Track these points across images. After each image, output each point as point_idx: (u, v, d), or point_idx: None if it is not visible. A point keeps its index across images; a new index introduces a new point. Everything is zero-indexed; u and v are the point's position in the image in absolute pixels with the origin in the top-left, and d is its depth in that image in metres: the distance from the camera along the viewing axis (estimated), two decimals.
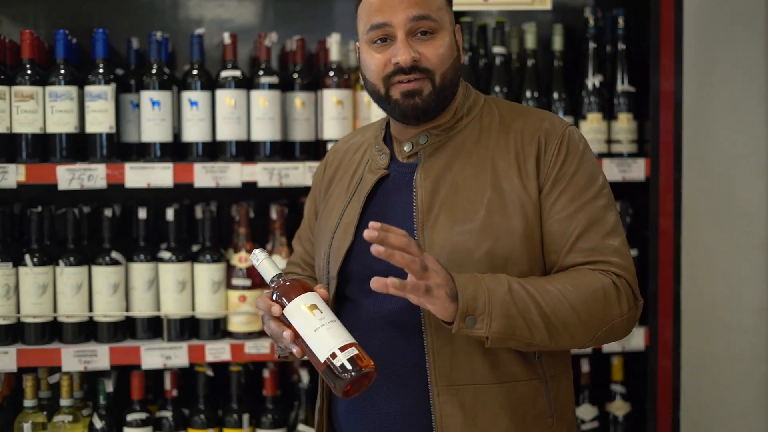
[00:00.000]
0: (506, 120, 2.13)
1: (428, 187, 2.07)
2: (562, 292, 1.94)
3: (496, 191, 2.04)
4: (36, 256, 2.95)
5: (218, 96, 3.00)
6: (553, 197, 2.04)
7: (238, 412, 3.04)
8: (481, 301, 1.89)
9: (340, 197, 2.21)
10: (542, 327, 1.92)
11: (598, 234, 2.02)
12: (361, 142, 2.28)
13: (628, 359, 3.23)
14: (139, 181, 2.92)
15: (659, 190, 3.09)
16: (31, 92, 2.91)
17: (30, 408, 2.97)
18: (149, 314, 3.01)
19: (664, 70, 3.07)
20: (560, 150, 2.06)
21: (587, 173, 2.07)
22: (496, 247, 2.01)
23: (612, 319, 1.99)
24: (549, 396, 2.06)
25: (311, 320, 1.92)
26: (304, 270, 2.37)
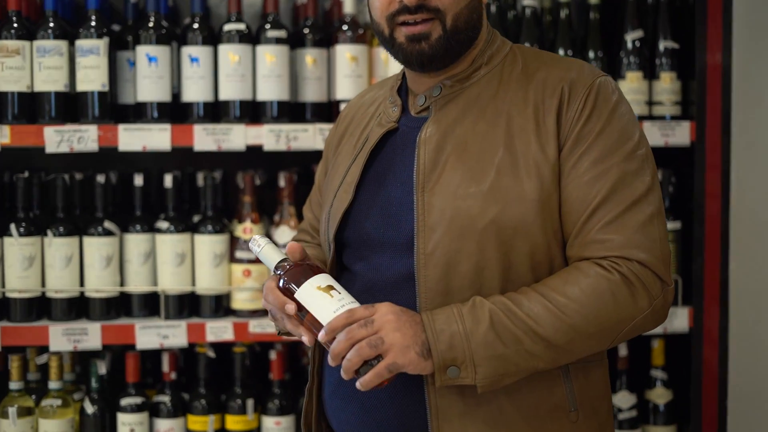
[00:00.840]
0: (529, 70, 1.85)
1: (432, 144, 1.82)
2: (560, 306, 1.69)
3: (509, 151, 1.77)
4: (22, 226, 2.73)
5: (221, 52, 2.75)
6: (574, 158, 1.76)
7: (242, 396, 2.80)
8: (459, 350, 1.66)
9: (348, 155, 1.97)
10: (542, 353, 1.68)
11: (621, 204, 1.74)
12: (376, 96, 2.04)
13: (669, 342, 2.98)
14: (134, 143, 2.68)
15: (705, 156, 2.84)
16: (17, 47, 2.68)
17: (16, 391, 2.74)
18: (145, 290, 2.78)
19: (712, 24, 2.81)
20: (586, 103, 1.78)
21: (617, 131, 1.78)
22: (504, 214, 1.74)
23: (631, 319, 1.73)
24: (571, 384, 1.79)
25: (329, 302, 1.69)
26: (314, 238, 2.14)
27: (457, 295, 1.75)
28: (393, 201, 1.84)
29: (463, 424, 1.75)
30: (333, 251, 1.92)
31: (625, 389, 2.94)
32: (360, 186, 1.89)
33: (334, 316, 1.67)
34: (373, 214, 1.86)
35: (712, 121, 2.83)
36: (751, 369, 3.31)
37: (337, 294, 1.70)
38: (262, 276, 2.77)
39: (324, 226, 1.96)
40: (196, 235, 2.79)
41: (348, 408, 1.85)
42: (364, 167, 1.90)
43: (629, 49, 2.88)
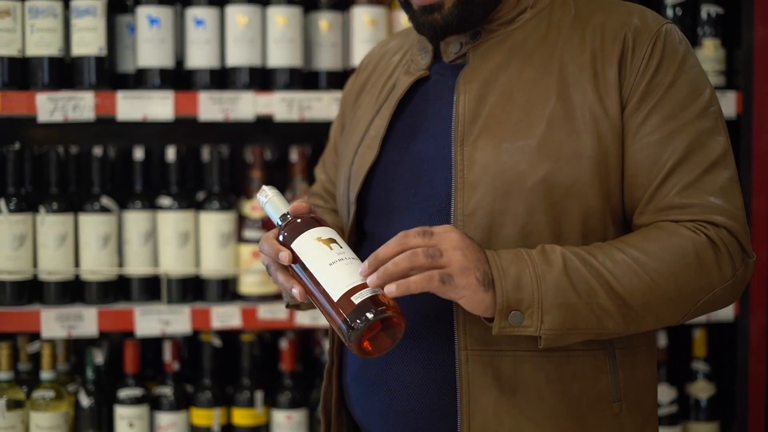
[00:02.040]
0: (583, 14, 1.68)
1: (473, 93, 1.64)
2: (640, 262, 1.52)
3: (562, 101, 1.61)
4: (13, 202, 2.54)
5: (228, 13, 2.57)
6: (642, 114, 1.59)
7: (250, 388, 2.62)
8: (527, 291, 1.48)
9: (370, 107, 1.79)
10: (615, 312, 1.51)
11: (699, 165, 1.58)
12: (402, 43, 1.87)
13: (713, 332, 2.82)
14: (133, 113, 2.50)
15: (752, 129, 2.68)
16: (6, 7, 2.51)
17: (5, 382, 2.56)
18: (146, 272, 2.60)
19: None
20: (654, 53, 1.61)
21: (689, 84, 1.62)
22: (557, 172, 1.57)
23: (711, 288, 1.56)
24: (616, 373, 1.62)
25: (327, 253, 1.52)
26: (326, 202, 1.97)
27: None
28: (425, 157, 1.67)
29: (497, 414, 1.57)
30: (354, 214, 1.73)
31: (664, 382, 2.77)
32: (386, 141, 1.72)
33: (329, 268, 1.49)
34: (402, 172, 1.69)
35: (760, 92, 2.67)
36: None
37: (337, 247, 1.52)
38: None
39: (343, 186, 1.77)
40: (201, 212, 2.61)
41: (373, 395, 1.66)
42: (391, 121, 1.72)
43: (669, 16, 2.70)
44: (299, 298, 1.54)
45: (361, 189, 1.72)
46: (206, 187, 2.67)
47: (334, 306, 1.45)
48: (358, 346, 1.43)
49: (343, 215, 1.79)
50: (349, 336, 1.43)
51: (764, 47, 2.67)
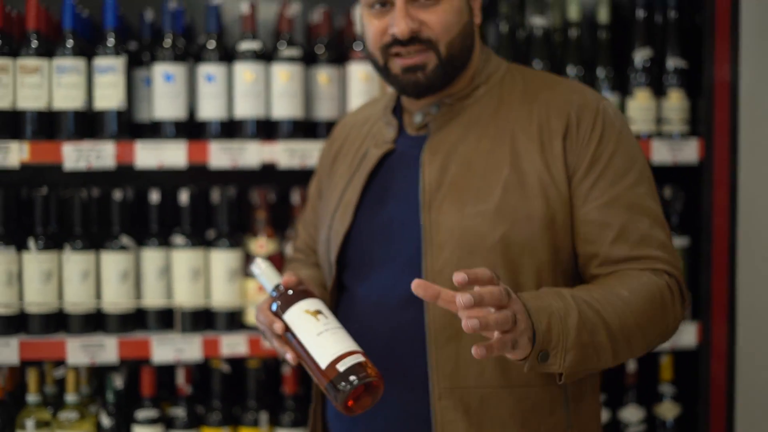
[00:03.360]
0: (531, 90, 1.90)
1: (437, 163, 1.85)
2: (625, 302, 1.70)
3: (515, 169, 1.81)
4: (41, 241, 2.76)
5: (236, 70, 2.79)
6: (589, 182, 1.81)
7: (255, 410, 2.84)
8: (555, 332, 1.62)
9: (343, 175, 2.01)
10: (608, 348, 1.69)
11: (642, 224, 1.80)
12: (369, 115, 2.08)
13: (678, 358, 3.01)
14: (150, 160, 2.72)
15: (713, 173, 2.88)
16: (36, 65, 2.72)
17: (34, 404, 2.77)
18: (161, 304, 2.81)
19: (720, 43, 2.85)
20: (595, 127, 1.83)
21: (626, 154, 1.84)
22: (513, 232, 1.78)
23: (668, 326, 1.79)
24: (569, 405, 1.83)
25: (314, 325, 1.73)
26: (308, 257, 2.19)
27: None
28: (395, 220, 1.87)
29: None
30: (335, 273, 1.95)
31: (633, 404, 2.96)
32: (359, 207, 1.93)
33: (317, 338, 1.70)
34: (375, 234, 1.89)
35: (720, 138, 2.87)
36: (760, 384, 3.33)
37: (323, 318, 1.74)
38: None
39: (323, 247, 1.99)
40: (211, 250, 2.82)
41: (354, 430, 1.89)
42: (362, 189, 1.94)
43: (638, 67, 2.91)
44: (292, 363, 1.77)
45: (340, 250, 1.94)
46: (216, 227, 2.87)
47: (322, 372, 1.67)
48: (344, 405, 1.65)
49: (325, 271, 2.00)
50: (336, 397, 1.65)
51: (724, 98, 2.86)
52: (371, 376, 1.66)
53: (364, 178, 1.93)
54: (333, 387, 1.66)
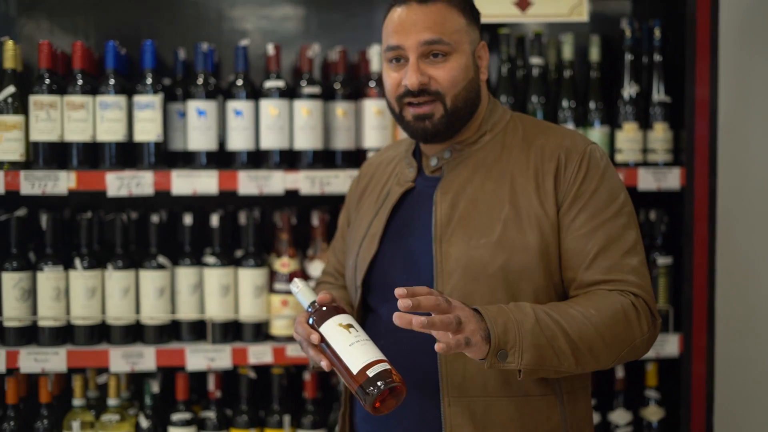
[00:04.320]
0: (528, 137, 2.16)
1: (447, 202, 2.12)
2: (586, 315, 1.95)
3: (513, 207, 2.07)
4: (86, 260, 3.04)
5: (262, 105, 3.07)
6: (572, 214, 2.06)
7: (279, 413, 3.12)
8: (511, 335, 1.88)
9: (370, 209, 2.28)
10: (569, 353, 1.93)
11: (616, 252, 2.04)
12: (393, 156, 2.35)
13: (662, 365, 3.26)
14: (185, 188, 3.00)
15: (694, 199, 3.12)
16: (82, 102, 3.00)
17: (79, 407, 3.06)
18: (194, 317, 3.09)
19: (700, 80, 3.10)
20: (580, 167, 2.09)
21: (607, 191, 2.08)
22: (511, 261, 2.03)
23: (633, 340, 2.01)
24: (564, 412, 2.08)
25: (347, 337, 1.99)
26: (337, 280, 2.45)
27: None
28: (413, 251, 2.14)
29: None
30: (360, 294, 2.23)
31: (622, 407, 3.22)
32: (383, 237, 2.20)
33: (349, 348, 1.96)
34: (396, 261, 2.16)
35: (700, 167, 3.11)
36: (735, 389, 3.63)
37: (354, 331, 2.00)
38: (298, 306, 3.09)
39: (351, 272, 2.26)
40: (239, 268, 3.10)
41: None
42: (386, 222, 2.21)
43: (626, 102, 3.18)
44: (326, 369, 2.03)
45: (365, 275, 2.22)
46: (242, 246, 3.17)
47: (354, 377, 1.94)
48: (372, 406, 1.92)
49: (352, 293, 2.28)
50: (365, 400, 1.93)
51: (704, 130, 3.10)
52: (396, 381, 1.93)
53: (388, 212, 2.21)
54: (363, 390, 1.93)
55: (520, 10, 3.05)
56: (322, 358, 2.04)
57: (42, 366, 2.98)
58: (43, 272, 3.01)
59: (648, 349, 2.08)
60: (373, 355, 1.97)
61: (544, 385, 2.06)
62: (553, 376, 1.99)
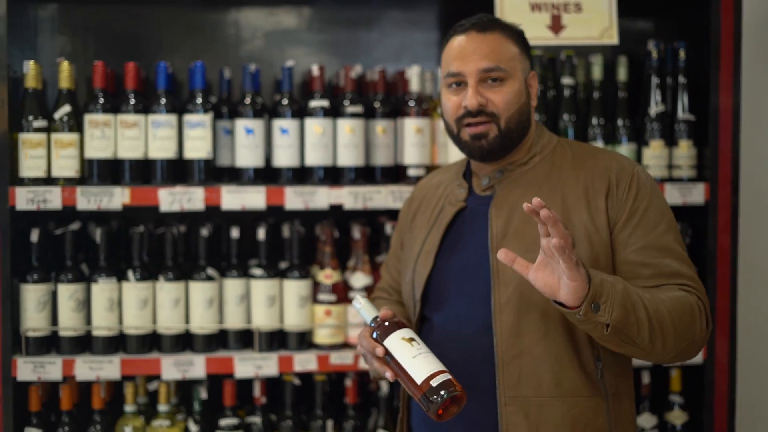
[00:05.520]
0: (578, 158, 2.32)
1: (502, 217, 2.26)
2: (661, 299, 2.10)
3: (565, 220, 2.20)
4: (138, 272, 3.17)
5: (307, 124, 3.20)
6: (628, 230, 2.22)
7: (322, 418, 3.25)
8: (606, 289, 2.02)
9: (423, 228, 2.42)
10: (646, 326, 2.06)
11: (674, 261, 2.20)
12: (442, 180, 2.49)
13: (686, 372, 3.41)
14: (234, 203, 3.13)
15: (717, 213, 3.27)
16: (134, 120, 3.13)
17: (130, 413, 3.19)
18: (242, 327, 3.22)
19: (723, 100, 3.25)
20: (631, 187, 2.24)
21: (658, 209, 2.24)
22: None
23: (694, 334, 2.14)
24: (609, 413, 2.22)
25: (410, 349, 2.14)
26: (390, 295, 2.59)
27: (527, 337, 2.18)
28: (469, 262, 2.28)
29: None
30: (419, 309, 2.37)
31: (648, 412, 3.37)
32: (438, 253, 2.35)
33: (413, 360, 2.11)
34: (452, 275, 2.30)
35: (723, 183, 3.26)
36: (756, 395, 3.79)
37: (416, 344, 2.15)
38: (340, 315, 3.23)
39: (408, 287, 2.41)
40: (284, 280, 3.23)
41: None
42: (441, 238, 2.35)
43: (652, 120, 3.34)
44: (390, 380, 2.17)
45: (424, 289, 2.36)
46: (286, 258, 3.30)
47: (418, 387, 2.09)
48: (435, 414, 2.07)
49: (409, 307, 2.42)
50: (429, 407, 2.08)
51: (727, 147, 3.26)
52: (457, 390, 2.08)
53: (443, 230, 2.35)
54: (426, 399, 2.08)
55: (554, 33, 3.19)
56: (386, 370, 2.18)
57: (97, 374, 3.11)
58: (97, 284, 3.14)
59: (700, 350, 2.19)
60: (435, 366, 2.12)
61: (592, 387, 2.21)
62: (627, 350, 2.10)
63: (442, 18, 3.67)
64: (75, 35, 3.53)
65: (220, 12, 3.60)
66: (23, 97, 3.13)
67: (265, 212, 3.32)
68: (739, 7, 3.25)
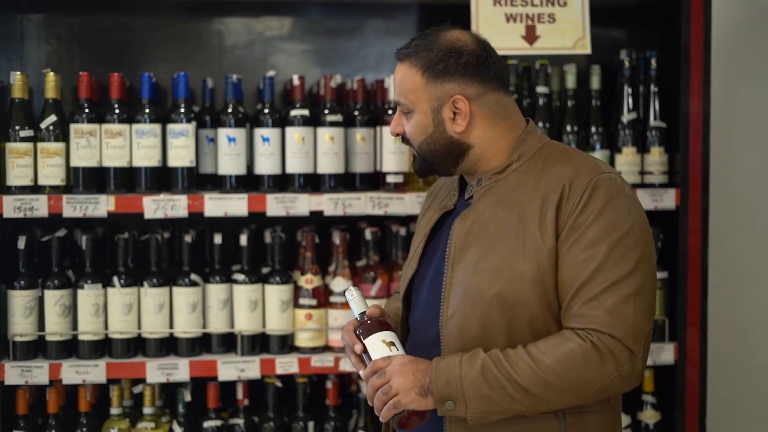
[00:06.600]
0: (547, 166, 2.20)
1: (463, 228, 2.21)
2: (538, 364, 2.03)
3: (516, 236, 2.14)
4: (123, 278, 3.24)
5: (287, 132, 3.28)
6: (568, 244, 2.09)
7: (304, 419, 3.33)
8: (453, 388, 2.03)
9: (422, 229, 2.41)
10: (522, 398, 2.03)
11: (600, 285, 2.05)
12: (451, 181, 2.42)
13: (658, 372, 3.48)
14: (217, 210, 3.21)
15: (688, 217, 3.35)
16: (119, 130, 3.20)
17: (116, 415, 3.26)
18: (224, 331, 3.30)
19: (693, 107, 3.33)
20: (581, 198, 2.10)
21: (608, 222, 2.07)
22: (506, 289, 2.11)
23: (599, 380, 2.04)
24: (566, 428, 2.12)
25: (386, 353, 2.16)
26: None
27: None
28: (437, 271, 2.26)
29: None
30: (404, 309, 2.39)
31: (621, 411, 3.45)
32: (422, 257, 2.34)
33: None
34: (425, 281, 2.31)
35: (694, 188, 3.34)
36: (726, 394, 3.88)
37: (395, 349, 2.17)
38: (321, 319, 3.30)
39: (401, 288, 2.44)
40: (266, 285, 3.31)
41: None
42: (426, 243, 2.35)
43: (625, 128, 3.42)
44: (363, 378, 2.19)
45: (406, 292, 2.37)
46: (268, 263, 3.38)
47: None
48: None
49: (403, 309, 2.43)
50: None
51: (697, 154, 3.33)
52: None
53: (427, 234, 2.34)
54: None
55: (529, 43, 3.28)
56: (361, 367, 2.21)
57: (83, 377, 3.18)
58: (83, 290, 3.21)
59: (628, 385, 2.09)
60: None
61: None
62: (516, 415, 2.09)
63: (421, 28, 3.74)
64: (61, 45, 3.60)
65: (205, 21, 3.68)
66: (10, 107, 3.19)
67: (248, 219, 3.40)
68: (709, 17, 3.34)
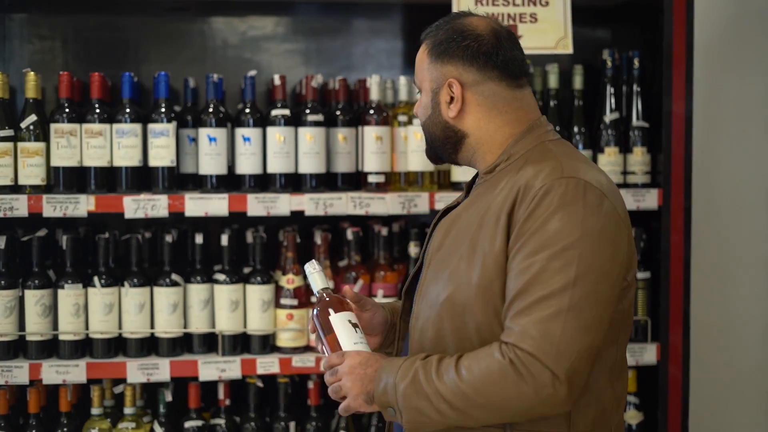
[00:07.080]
0: (522, 168, 2.08)
1: (443, 229, 2.15)
2: (461, 377, 1.95)
3: (472, 240, 2.05)
4: (103, 278, 3.24)
5: (269, 132, 3.28)
6: (513, 251, 1.99)
7: (285, 420, 3.33)
8: (390, 396, 2.01)
9: None
10: (448, 412, 1.96)
11: (531, 297, 1.93)
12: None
13: (641, 372, 3.48)
14: (197, 210, 3.21)
15: (670, 217, 3.35)
16: (99, 129, 3.20)
17: (96, 416, 3.26)
18: (205, 331, 3.30)
19: (676, 107, 3.34)
20: (531, 205, 1.98)
21: (552, 231, 1.94)
22: (455, 294, 2.05)
23: (517, 399, 1.92)
24: None
25: (353, 335, 2.14)
26: None
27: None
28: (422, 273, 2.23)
29: None
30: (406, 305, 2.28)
31: None
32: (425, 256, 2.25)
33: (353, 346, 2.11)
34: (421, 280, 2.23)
35: (676, 188, 3.35)
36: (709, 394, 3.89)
37: (359, 332, 2.15)
38: (302, 319, 3.30)
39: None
40: (248, 285, 3.31)
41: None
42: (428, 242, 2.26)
43: (607, 127, 3.42)
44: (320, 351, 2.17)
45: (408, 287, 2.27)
46: (249, 263, 3.38)
47: None
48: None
49: None
50: None
51: (680, 154, 3.34)
52: None
53: (430, 234, 2.27)
54: None
55: None
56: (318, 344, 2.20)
57: (63, 377, 3.18)
58: (63, 289, 3.21)
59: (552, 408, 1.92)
60: None
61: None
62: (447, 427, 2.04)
63: (406, 28, 3.75)
64: (44, 44, 3.60)
65: (189, 21, 3.68)
66: None
67: (230, 219, 3.39)
68: (691, 18, 3.34)
